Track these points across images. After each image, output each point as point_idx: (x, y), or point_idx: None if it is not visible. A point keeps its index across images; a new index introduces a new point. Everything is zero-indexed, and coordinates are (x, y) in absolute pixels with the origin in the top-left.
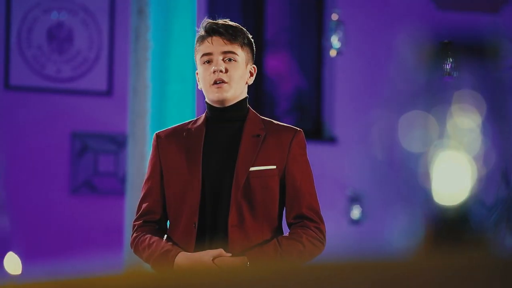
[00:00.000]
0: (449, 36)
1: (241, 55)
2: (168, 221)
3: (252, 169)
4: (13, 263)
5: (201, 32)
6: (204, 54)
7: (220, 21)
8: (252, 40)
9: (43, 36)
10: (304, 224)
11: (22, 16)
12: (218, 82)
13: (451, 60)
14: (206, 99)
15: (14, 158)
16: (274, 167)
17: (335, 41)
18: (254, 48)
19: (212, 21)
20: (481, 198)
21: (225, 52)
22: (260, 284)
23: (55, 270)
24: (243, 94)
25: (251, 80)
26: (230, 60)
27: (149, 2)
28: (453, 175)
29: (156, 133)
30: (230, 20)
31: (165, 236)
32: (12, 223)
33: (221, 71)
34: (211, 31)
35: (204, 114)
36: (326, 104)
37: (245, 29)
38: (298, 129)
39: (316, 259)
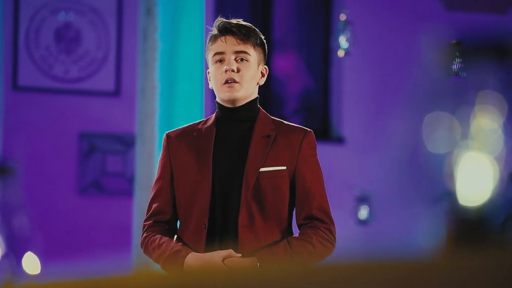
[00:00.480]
0: (461, 36)
1: (253, 55)
2: (178, 221)
3: (262, 169)
4: (31, 263)
5: (214, 31)
6: (216, 53)
7: (233, 21)
8: (264, 40)
9: (51, 37)
10: (314, 225)
11: (30, 17)
12: (229, 81)
13: (459, 61)
14: (217, 99)
15: (22, 158)
16: (284, 167)
17: (343, 41)
18: (266, 49)
19: (225, 20)
20: (502, 199)
21: (237, 52)
22: (270, 285)
23: (62, 271)
24: (254, 94)
25: (262, 81)
26: (242, 60)
27: (158, 2)
28: (476, 176)
29: (167, 133)
30: (243, 20)
31: (175, 236)
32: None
33: (233, 70)
34: (224, 30)
35: (214, 114)
36: (333, 104)
37: (257, 30)
38: (309, 129)
39: (326, 260)
